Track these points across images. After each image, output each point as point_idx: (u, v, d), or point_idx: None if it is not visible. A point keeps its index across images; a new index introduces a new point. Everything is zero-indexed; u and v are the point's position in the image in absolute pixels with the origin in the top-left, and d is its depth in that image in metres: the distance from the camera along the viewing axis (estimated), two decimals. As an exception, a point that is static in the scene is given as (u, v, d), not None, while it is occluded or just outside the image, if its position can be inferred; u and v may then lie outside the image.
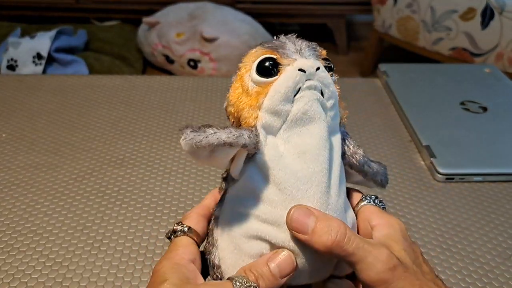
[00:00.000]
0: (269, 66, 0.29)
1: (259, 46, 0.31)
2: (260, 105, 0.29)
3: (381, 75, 0.81)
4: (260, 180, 0.30)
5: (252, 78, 0.30)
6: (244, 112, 0.30)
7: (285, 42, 0.31)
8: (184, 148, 0.26)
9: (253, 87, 0.30)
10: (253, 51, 0.31)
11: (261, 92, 0.29)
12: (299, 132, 0.29)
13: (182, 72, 1.79)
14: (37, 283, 0.42)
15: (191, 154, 0.27)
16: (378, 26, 1.80)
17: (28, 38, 1.64)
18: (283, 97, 0.29)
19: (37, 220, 0.50)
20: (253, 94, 0.30)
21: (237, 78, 0.31)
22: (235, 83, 0.31)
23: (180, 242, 0.31)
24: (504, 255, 0.47)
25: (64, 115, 0.69)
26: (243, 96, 0.30)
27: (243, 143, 0.27)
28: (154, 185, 0.55)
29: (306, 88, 0.29)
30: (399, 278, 0.27)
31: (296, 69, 0.29)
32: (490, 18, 1.41)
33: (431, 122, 0.66)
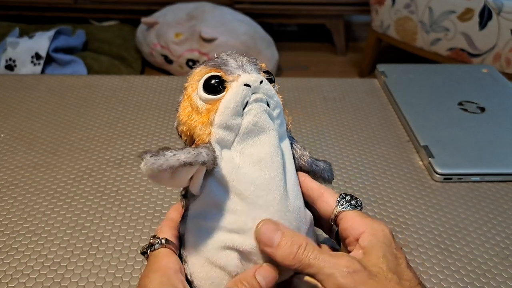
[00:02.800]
0: (215, 83, 0.31)
1: (203, 65, 0.33)
2: (212, 121, 0.30)
3: (379, 75, 0.81)
4: (221, 193, 0.31)
5: (200, 97, 0.31)
6: (196, 130, 0.31)
7: (226, 59, 0.32)
8: (146, 173, 0.27)
9: (202, 105, 0.31)
10: (197, 70, 0.33)
11: (211, 109, 0.31)
12: (252, 143, 0.31)
13: (180, 72, 1.79)
14: (36, 283, 0.42)
15: (153, 178, 0.27)
16: (376, 27, 1.80)
17: (26, 38, 1.64)
18: (233, 112, 0.30)
19: (36, 220, 0.49)
20: (204, 112, 0.31)
21: (185, 97, 0.32)
22: (184, 103, 0.32)
23: (161, 254, 0.31)
24: (502, 255, 0.47)
25: (62, 115, 0.69)
26: (194, 114, 0.31)
27: (202, 161, 0.28)
28: (152, 185, 0.55)
29: (253, 101, 0.31)
30: (361, 284, 0.27)
31: (242, 85, 0.31)
32: (488, 18, 1.41)
33: (429, 122, 0.66)
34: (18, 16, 2.05)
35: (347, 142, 0.65)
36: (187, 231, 0.32)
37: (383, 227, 0.31)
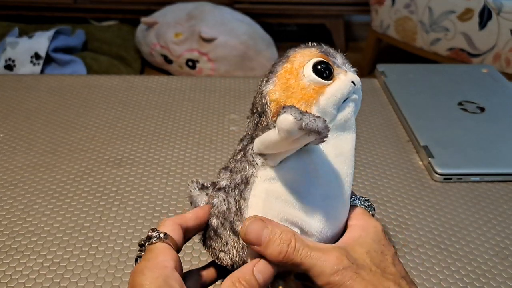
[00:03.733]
0: (325, 69, 0.32)
1: (314, 48, 0.33)
2: (316, 102, 0.31)
3: (379, 75, 0.81)
4: (302, 172, 0.31)
5: (309, 76, 0.31)
6: (296, 104, 0.31)
7: (334, 52, 0.34)
8: (289, 126, 0.26)
9: (309, 84, 0.31)
10: (307, 50, 0.33)
11: (318, 91, 0.31)
12: (336, 136, 0.33)
13: (180, 72, 1.79)
14: (35, 283, 0.42)
15: (287, 134, 0.26)
16: (376, 27, 1.80)
17: (26, 38, 1.64)
18: (336, 102, 0.32)
19: (35, 220, 0.49)
20: (310, 91, 0.31)
21: (288, 68, 0.32)
22: (285, 73, 0.32)
23: (158, 249, 0.29)
24: (502, 255, 0.47)
25: (62, 115, 0.69)
26: (296, 88, 0.31)
27: (326, 134, 0.27)
28: (152, 185, 0.55)
29: (351, 100, 0.33)
30: (350, 279, 0.29)
31: (350, 81, 0.32)
32: (487, 18, 1.41)
33: (429, 122, 0.66)
34: (17, 16, 2.05)
35: (347, 142, 0.65)
36: (254, 195, 0.32)
37: (375, 223, 0.33)
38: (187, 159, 0.60)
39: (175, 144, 0.63)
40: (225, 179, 0.33)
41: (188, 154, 0.61)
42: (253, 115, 0.34)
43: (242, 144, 0.34)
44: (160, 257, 0.28)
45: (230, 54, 1.70)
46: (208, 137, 0.65)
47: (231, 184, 0.33)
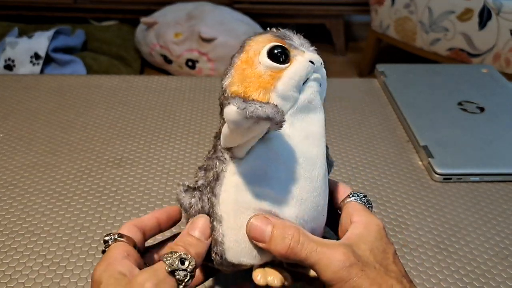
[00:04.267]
0: (280, 53, 0.31)
1: (268, 34, 0.33)
2: (274, 88, 0.30)
3: (379, 75, 0.81)
4: (268, 159, 0.31)
5: (264, 62, 0.31)
6: (254, 93, 0.30)
7: (290, 35, 0.33)
8: (233, 117, 0.26)
9: (265, 71, 0.31)
10: (260, 36, 0.33)
11: (274, 76, 0.31)
12: (302, 118, 0.32)
13: (180, 72, 1.79)
14: (35, 284, 0.42)
15: (235, 125, 0.26)
16: (376, 27, 1.80)
17: (25, 38, 1.64)
18: (295, 84, 0.31)
19: (35, 220, 0.49)
20: (266, 78, 0.31)
21: (243, 59, 0.32)
22: (241, 64, 0.32)
23: (112, 247, 0.30)
24: (501, 255, 0.47)
25: (61, 115, 0.69)
26: (253, 77, 0.31)
27: (280, 120, 0.27)
28: (152, 185, 0.55)
29: (313, 79, 0.32)
30: (356, 276, 0.29)
31: (307, 61, 0.32)
32: (487, 18, 1.42)
33: (429, 122, 0.66)
34: (17, 16, 2.05)
35: (347, 142, 0.65)
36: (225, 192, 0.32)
37: (377, 221, 0.33)
38: (186, 159, 0.60)
39: (175, 144, 0.63)
40: (201, 178, 0.34)
41: (188, 154, 0.61)
42: (221, 112, 0.33)
43: (213, 141, 0.34)
44: (111, 252, 0.30)
45: (230, 54, 1.68)
46: (207, 137, 0.65)
47: (205, 182, 0.33)
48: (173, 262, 0.27)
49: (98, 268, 0.28)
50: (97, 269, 0.28)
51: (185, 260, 0.28)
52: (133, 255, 0.30)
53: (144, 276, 0.27)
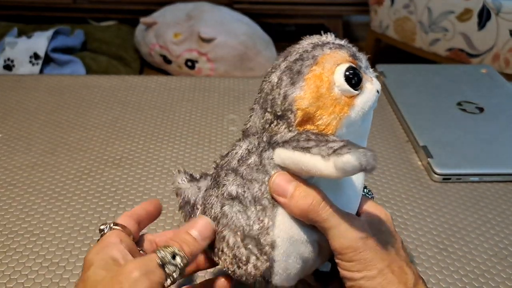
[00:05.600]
0: (357, 78, 0.30)
1: (344, 50, 0.31)
2: (348, 116, 0.30)
3: (378, 75, 0.81)
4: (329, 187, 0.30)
5: (341, 86, 0.29)
6: (326, 117, 0.29)
7: (359, 54, 0.32)
8: (352, 169, 0.25)
9: (339, 94, 0.29)
10: (337, 52, 0.30)
11: (349, 103, 0.29)
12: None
13: (179, 72, 1.79)
14: (34, 284, 0.42)
15: (345, 175, 0.26)
16: (375, 27, 1.80)
17: (25, 38, 1.64)
18: (363, 114, 0.30)
19: (34, 220, 0.49)
20: (341, 102, 0.29)
21: (317, 73, 0.29)
22: (314, 79, 0.29)
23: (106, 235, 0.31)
24: (501, 255, 0.47)
25: (61, 115, 0.69)
26: (328, 99, 0.29)
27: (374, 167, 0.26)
28: (151, 185, 0.55)
29: (373, 108, 0.32)
30: (370, 249, 0.29)
31: (376, 90, 0.31)
32: (486, 19, 1.42)
33: (428, 123, 0.66)
34: (16, 16, 2.05)
35: (346, 142, 0.65)
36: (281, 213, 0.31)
37: (386, 212, 0.34)
38: (186, 159, 0.60)
39: (174, 144, 0.63)
40: (235, 184, 0.31)
41: (187, 154, 0.61)
42: (265, 112, 0.31)
43: (251, 144, 0.32)
44: (105, 238, 0.30)
45: (229, 54, 1.70)
46: (207, 137, 0.65)
47: (246, 195, 0.30)
48: (165, 256, 0.28)
49: (92, 251, 0.29)
50: (90, 251, 0.29)
51: (176, 255, 0.28)
52: (127, 242, 0.30)
53: (134, 264, 0.27)
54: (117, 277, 0.26)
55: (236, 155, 0.32)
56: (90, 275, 0.27)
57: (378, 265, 0.29)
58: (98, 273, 0.27)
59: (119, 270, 0.27)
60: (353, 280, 0.29)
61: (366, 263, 0.29)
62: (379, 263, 0.29)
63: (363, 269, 0.29)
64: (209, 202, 0.32)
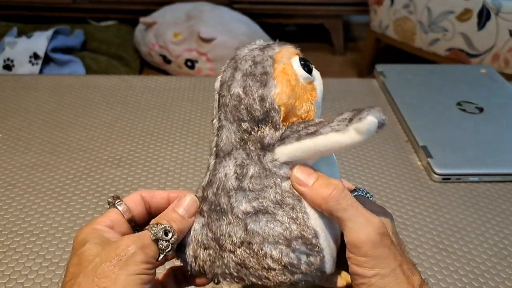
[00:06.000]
0: (307, 65, 0.32)
1: (288, 45, 0.33)
2: (316, 100, 0.32)
3: (378, 75, 0.81)
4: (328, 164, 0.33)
5: (302, 74, 0.32)
6: (304, 105, 0.31)
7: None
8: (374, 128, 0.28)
9: (304, 83, 0.32)
10: (284, 48, 0.33)
11: (313, 87, 0.32)
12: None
13: (179, 72, 1.79)
14: (33, 284, 0.42)
15: (369, 135, 0.28)
16: (375, 27, 1.80)
17: (24, 38, 1.64)
18: (322, 95, 0.33)
19: (34, 220, 0.49)
20: (309, 90, 0.32)
21: (280, 69, 0.31)
22: (281, 74, 0.31)
23: (106, 212, 0.32)
24: (500, 255, 0.47)
25: (60, 115, 0.69)
26: (299, 89, 0.31)
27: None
28: (151, 185, 0.55)
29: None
30: (386, 246, 0.29)
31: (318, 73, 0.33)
32: (486, 19, 1.42)
33: (428, 123, 0.66)
34: (16, 15, 2.05)
35: (346, 142, 0.65)
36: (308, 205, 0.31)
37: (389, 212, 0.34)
38: (186, 159, 0.60)
39: (174, 144, 0.63)
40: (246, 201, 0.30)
41: (187, 154, 0.61)
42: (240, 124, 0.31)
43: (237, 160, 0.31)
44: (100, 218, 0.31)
45: (229, 54, 1.68)
46: (207, 137, 0.65)
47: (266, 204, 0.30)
48: (158, 232, 0.29)
49: (85, 230, 0.30)
50: (82, 231, 0.30)
51: (168, 232, 0.29)
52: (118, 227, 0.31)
53: (130, 239, 0.28)
54: (115, 250, 0.27)
55: (228, 176, 0.31)
56: (85, 250, 0.28)
57: (392, 264, 0.29)
58: (93, 248, 0.28)
59: (116, 243, 0.28)
60: (365, 277, 0.29)
61: (381, 260, 0.28)
62: (393, 262, 0.29)
63: (376, 266, 0.28)
64: (222, 233, 0.31)
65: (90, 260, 0.27)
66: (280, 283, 0.30)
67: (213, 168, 0.33)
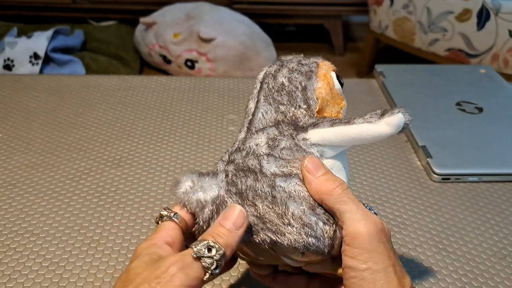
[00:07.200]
0: (342, 82, 0.38)
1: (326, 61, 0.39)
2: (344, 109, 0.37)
3: (377, 75, 0.81)
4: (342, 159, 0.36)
5: (336, 85, 0.37)
6: (336, 107, 0.37)
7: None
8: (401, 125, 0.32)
9: (338, 92, 0.37)
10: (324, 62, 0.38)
11: (342, 98, 0.37)
12: None
13: (179, 72, 1.79)
14: (34, 283, 0.42)
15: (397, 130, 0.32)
16: (374, 27, 1.80)
17: (24, 38, 1.64)
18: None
19: (34, 220, 0.49)
20: (340, 97, 0.37)
21: (323, 74, 0.37)
22: (323, 76, 0.37)
23: (163, 226, 0.31)
24: (500, 255, 0.47)
25: (60, 115, 0.69)
26: (335, 93, 0.37)
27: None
28: (151, 185, 0.55)
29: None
30: (381, 242, 0.29)
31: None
32: (485, 19, 1.42)
33: (427, 123, 0.66)
34: (16, 15, 2.05)
35: (346, 142, 0.65)
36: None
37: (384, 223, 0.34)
38: (186, 159, 0.60)
39: (174, 144, 0.63)
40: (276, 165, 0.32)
41: (187, 154, 0.61)
42: (278, 106, 0.35)
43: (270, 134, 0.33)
44: (160, 233, 0.31)
45: (229, 54, 1.70)
46: (207, 137, 0.65)
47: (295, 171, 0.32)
48: (200, 249, 0.28)
49: (144, 244, 0.30)
50: (142, 243, 0.30)
51: (212, 248, 0.28)
52: (176, 244, 0.31)
53: (171, 260, 0.27)
54: (155, 272, 0.26)
55: (259, 146, 0.33)
56: (133, 267, 0.28)
57: (385, 261, 0.29)
58: (140, 266, 0.28)
59: (158, 263, 0.27)
60: (357, 270, 0.29)
61: (375, 255, 0.29)
62: (386, 260, 0.29)
63: (370, 260, 0.29)
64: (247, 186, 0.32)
65: (131, 280, 0.27)
66: (294, 242, 0.30)
67: (243, 140, 0.35)
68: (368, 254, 0.29)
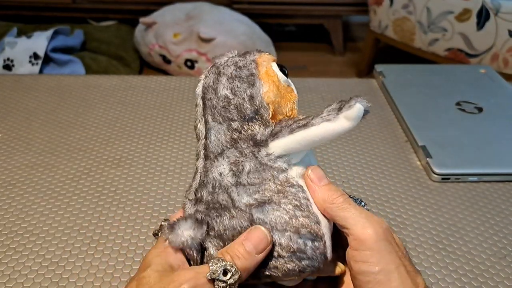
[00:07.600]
0: (285, 70, 0.35)
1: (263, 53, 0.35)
2: (296, 100, 0.34)
3: (377, 75, 0.81)
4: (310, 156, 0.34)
5: (281, 77, 0.34)
6: (288, 103, 0.34)
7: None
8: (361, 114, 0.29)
9: (286, 84, 0.34)
10: (263, 54, 0.35)
11: (291, 89, 0.34)
12: None
13: (179, 72, 1.79)
14: (33, 283, 0.42)
15: (357, 121, 0.30)
16: (374, 27, 1.80)
17: (24, 38, 1.64)
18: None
19: (34, 220, 0.49)
20: (289, 90, 0.34)
21: (265, 72, 0.33)
22: (266, 76, 0.33)
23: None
24: (499, 255, 0.47)
25: (60, 115, 0.69)
26: (283, 89, 0.34)
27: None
28: (151, 185, 0.55)
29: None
30: (389, 241, 0.29)
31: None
32: (485, 19, 1.42)
33: (427, 123, 0.66)
34: (16, 15, 2.05)
35: (345, 142, 0.65)
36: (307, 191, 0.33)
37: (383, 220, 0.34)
38: (185, 159, 0.60)
39: (174, 144, 0.63)
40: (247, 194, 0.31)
41: (187, 154, 0.61)
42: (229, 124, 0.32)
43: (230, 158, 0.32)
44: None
45: (229, 54, 1.70)
46: (206, 137, 0.65)
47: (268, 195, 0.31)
48: (216, 271, 0.27)
49: (153, 251, 0.30)
50: (151, 252, 0.30)
51: (228, 271, 0.27)
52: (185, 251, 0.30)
53: (185, 276, 0.27)
54: (168, 286, 0.26)
55: (223, 175, 0.31)
56: (145, 276, 0.28)
57: (396, 260, 0.28)
58: (153, 276, 0.27)
59: (171, 278, 0.27)
60: (370, 274, 0.28)
61: (386, 254, 0.28)
62: (397, 259, 0.28)
63: (381, 260, 0.28)
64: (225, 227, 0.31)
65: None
66: (289, 272, 0.30)
67: (203, 170, 0.33)
68: (379, 255, 0.28)
